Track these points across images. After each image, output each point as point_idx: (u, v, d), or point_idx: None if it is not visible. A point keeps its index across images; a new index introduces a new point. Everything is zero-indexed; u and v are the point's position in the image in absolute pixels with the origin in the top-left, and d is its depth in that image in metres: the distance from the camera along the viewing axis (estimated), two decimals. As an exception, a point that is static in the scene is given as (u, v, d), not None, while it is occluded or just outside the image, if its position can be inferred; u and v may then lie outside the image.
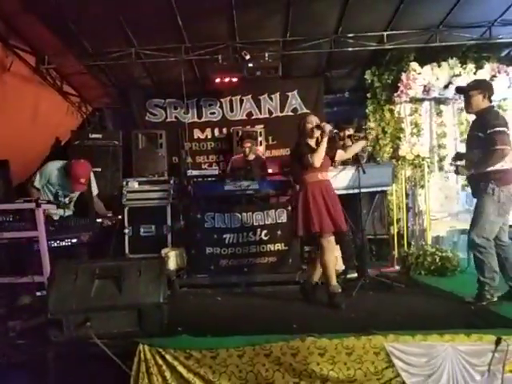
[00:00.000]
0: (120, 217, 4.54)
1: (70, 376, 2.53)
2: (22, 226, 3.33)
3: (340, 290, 3.43)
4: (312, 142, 3.58)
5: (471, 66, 6.01)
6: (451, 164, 3.87)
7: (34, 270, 3.31)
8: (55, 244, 3.51)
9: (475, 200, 3.44)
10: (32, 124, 5.80)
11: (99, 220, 4.01)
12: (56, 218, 3.76)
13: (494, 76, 5.99)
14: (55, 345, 2.55)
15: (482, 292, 3.24)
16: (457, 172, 3.55)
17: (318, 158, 3.41)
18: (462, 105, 6.13)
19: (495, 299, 3.22)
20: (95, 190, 4.32)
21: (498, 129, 3.14)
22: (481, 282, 3.26)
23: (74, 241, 3.66)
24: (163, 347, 2.49)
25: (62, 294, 2.59)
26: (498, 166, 3.19)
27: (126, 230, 5.48)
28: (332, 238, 3.47)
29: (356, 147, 3.79)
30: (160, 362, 2.47)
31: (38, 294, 3.59)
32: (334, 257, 3.46)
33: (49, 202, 3.74)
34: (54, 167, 4.03)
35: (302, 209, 3.45)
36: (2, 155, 4.12)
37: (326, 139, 3.46)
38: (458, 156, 3.61)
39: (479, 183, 3.30)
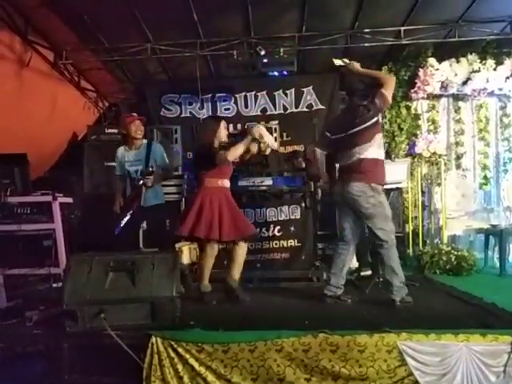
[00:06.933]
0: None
1: (85, 366, 2.58)
2: (39, 219, 3.41)
3: (209, 290, 3.53)
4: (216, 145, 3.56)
5: (491, 62, 5.89)
6: None
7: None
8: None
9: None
10: (50, 119, 5.89)
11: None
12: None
13: (515, 72, 5.87)
14: (70, 335, 2.60)
15: None
16: None
17: (234, 153, 3.41)
18: (481, 101, 6.12)
19: None
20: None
21: None
22: None
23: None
24: (176, 340, 2.51)
25: (76, 285, 2.63)
26: None
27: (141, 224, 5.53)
28: (215, 245, 3.51)
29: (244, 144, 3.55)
30: (172, 354, 2.49)
31: (55, 285, 3.68)
32: (211, 262, 3.54)
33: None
34: (120, 149, 4.15)
35: (195, 211, 3.42)
36: (21, 149, 4.18)
37: (248, 140, 3.47)
38: None
39: None
